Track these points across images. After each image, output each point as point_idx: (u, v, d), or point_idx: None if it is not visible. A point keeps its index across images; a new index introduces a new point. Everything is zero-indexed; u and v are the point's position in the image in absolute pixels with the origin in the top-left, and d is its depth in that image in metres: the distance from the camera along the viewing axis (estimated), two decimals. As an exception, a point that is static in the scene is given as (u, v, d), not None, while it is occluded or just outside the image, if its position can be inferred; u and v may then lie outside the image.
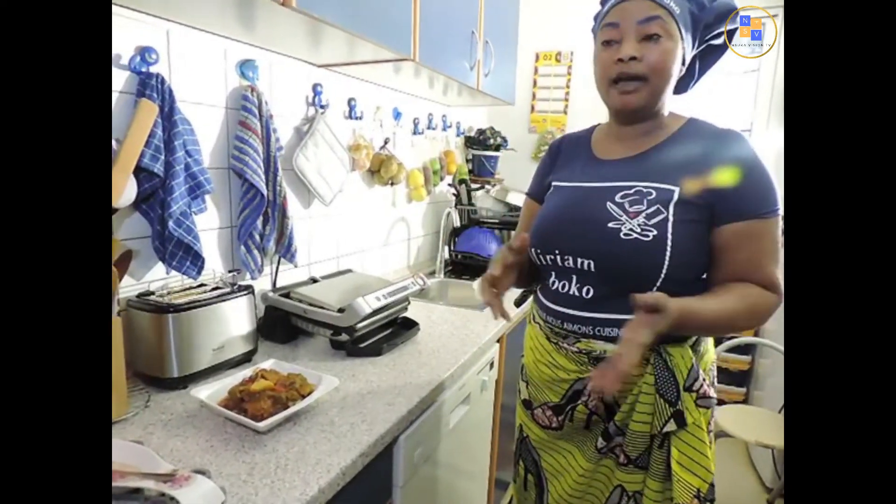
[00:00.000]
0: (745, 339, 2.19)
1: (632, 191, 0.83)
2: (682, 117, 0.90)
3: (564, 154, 1.01)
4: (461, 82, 1.70)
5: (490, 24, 1.82)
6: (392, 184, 1.91)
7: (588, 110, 2.55)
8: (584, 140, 0.99)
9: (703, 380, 0.83)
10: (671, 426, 0.81)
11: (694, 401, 0.82)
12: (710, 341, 0.91)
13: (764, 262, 0.80)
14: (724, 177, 0.79)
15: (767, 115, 2.55)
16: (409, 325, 1.39)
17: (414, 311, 1.49)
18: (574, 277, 0.88)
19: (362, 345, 1.23)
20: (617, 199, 0.84)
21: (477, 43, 1.75)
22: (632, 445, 0.85)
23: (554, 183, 0.98)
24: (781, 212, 0.80)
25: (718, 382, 2.67)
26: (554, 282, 0.91)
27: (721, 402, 2.42)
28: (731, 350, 2.16)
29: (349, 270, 1.64)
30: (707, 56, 0.91)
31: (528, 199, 1.08)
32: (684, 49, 0.83)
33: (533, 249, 0.93)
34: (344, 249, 1.75)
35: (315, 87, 1.51)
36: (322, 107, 1.53)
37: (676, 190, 0.80)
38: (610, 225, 0.82)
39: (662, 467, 0.83)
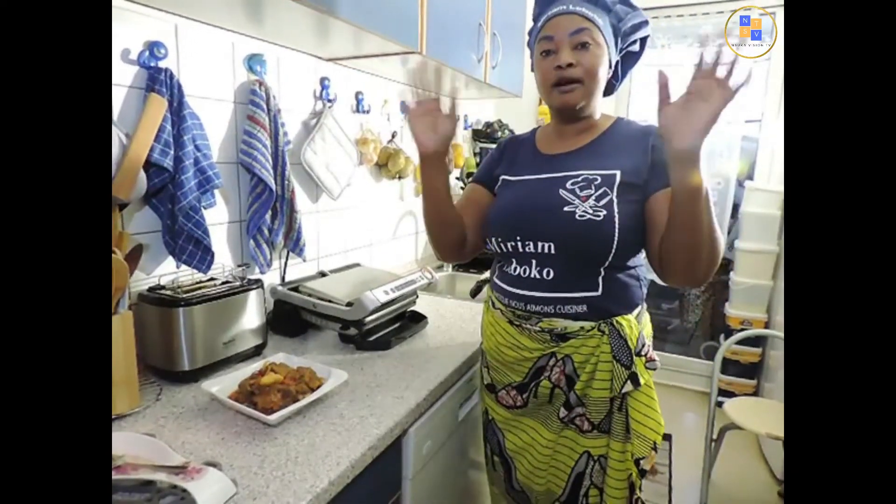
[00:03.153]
0: (756, 331, 2.17)
1: (580, 178, 0.93)
2: (612, 117, 1.03)
3: (511, 152, 1.10)
4: (468, 75, 1.69)
5: (497, 15, 1.81)
6: (400, 177, 1.91)
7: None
8: (528, 140, 1.10)
9: (648, 346, 0.95)
10: (629, 387, 0.91)
11: (644, 364, 0.92)
12: (647, 316, 1.02)
13: None
14: (652, 156, 0.91)
15: (778, 105, 2.52)
16: (418, 319, 1.39)
17: (422, 305, 1.49)
18: (534, 262, 0.96)
19: (371, 338, 1.24)
20: (568, 185, 0.93)
21: (484, 35, 1.73)
22: (595, 411, 0.95)
23: (504, 177, 1.06)
24: None
25: (729, 374, 2.69)
26: (515, 268, 0.99)
27: (731, 395, 2.40)
28: (741, 342, 2.14)
29: (357, 264, 1.65)
30: (627, 61, 1.04)
31: (472, 183, 1.15)
32: (610, 55, 0.96)
33: (493, 239, 1.01)
34: (352, 243, 1.75)
35: (322, 80, 1.50)
36: (329, 101, 1.52)
37: (618, 173, 0.91)
38: (565, 209, 0.91)
39: (622, 429, 0.94)
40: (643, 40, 1.02)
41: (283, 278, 1.42)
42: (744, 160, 2.80)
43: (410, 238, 2.14)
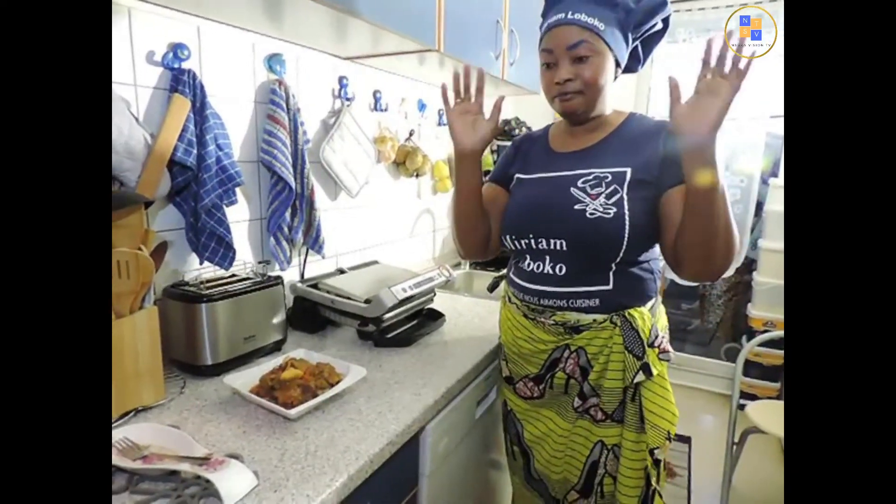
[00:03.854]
0: (780, 332, 2.12)
1: (591, 176, 0.95)
2: (624, 112, 1.03)
3: (525, 149, 1.12)
4: (486, 72, 1.68)
5: (515, 12, 1.80)
6: (417, 175, 1.91)
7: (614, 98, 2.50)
8: (541, 138, 1.11)
9: (662, 337, 0.96)
10: (640, 377, 0.92)
11: (657, 355, 0.94)
12: (662, 309, 1.04)
13: None
14: (664, 152, 0.91)
15: (805, 101, 2.45)
16: (435, 317, 1.40)
17: (439, 303, 1.49)
18: (547, 258, 0.98)
19: (389, 335, 1.24)
20: (579, 184, 0.95)
21: (502, 32, 1.73)
22: (608, 401, 0.97)
23: (518, 175, 1.08)
24: None
25: (751, 377, 2.64)
26: (529, 263, 1.01)
27: (754, 398, 2.36)
28: (764, 344, 2.10)
29: (375, 262, 1.66)
30: (649, 42, 1.03)
31: (489, 182, 1.16)
32: (616, 54, 0.94)
33: (508, 236, 1.03)
34: (370, 241, 1.76)
35: (341, 79, 1.52)
36: (348, 99, 1.54)
37: (629, 170, 0.92)
38: (576, 207, 0.93)
39: (636, 419, 0.96)
40: (665, 19, 1.00)
41: (302, 275, 1.44)
42: (768, 157, 2.73)
43: (428, 236, 2.15)
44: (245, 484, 0.67)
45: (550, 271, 0.98)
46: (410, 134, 1.87)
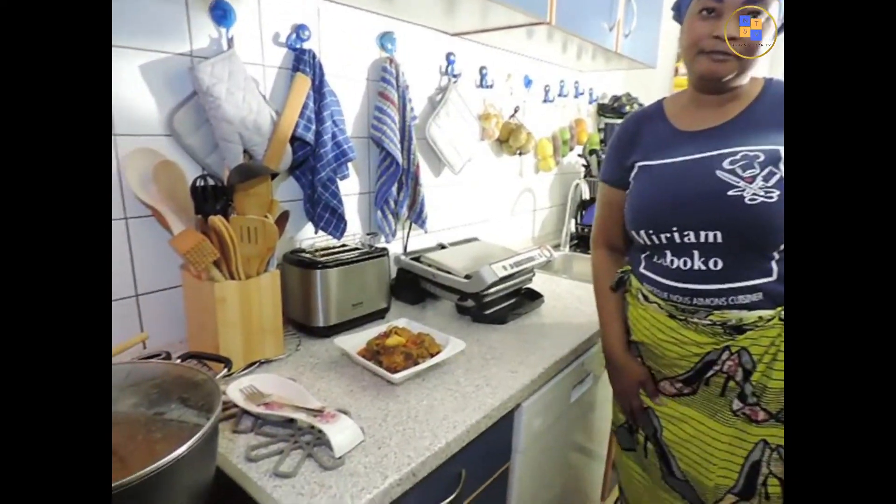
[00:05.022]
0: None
1: (738, 155, 0.83)
2: (760, 79, 0.89)
3: (639, 133, 0.99)
4: (598, 45, 1.60)
5: (634, -22, 1.68)
6: (520, 153, 1.88)
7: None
8: (657, 116, 0.98)
9: None
10: None
11: None
12: None
13: None
14: None
15: None
16: (534, 297, 1.38)
17: (538, 283, 1.47)
18: (696, 252, 0.87)
19: (487, 312, 1.25)
20: (725, 165, 0.83)
21: (618, 1, 1.62)
22: (773, 401, 0.85)
23: (640, 164, 0.96)
24: None
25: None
26: (672, 260, 0.90)
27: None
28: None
29: (475, 238, 1.67)
30: None
31: (605, 185, 1.06)
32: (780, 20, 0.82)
33: (644, 231, 0.92)
34: (470, 218, 1.77)
35: (448, 56, 1.52)
36: (454, 76, 1.54)
37: (781, 149, 0.81)
38: (730, 193, 0.82)
39: None
40: None
41: (405, 248, 1.49)
42: None
43: (528, 215, 2.11)
44: (353, 438, 0.72)
45: (703, 267, 0.86)
46: (515, 111, 1.83)
